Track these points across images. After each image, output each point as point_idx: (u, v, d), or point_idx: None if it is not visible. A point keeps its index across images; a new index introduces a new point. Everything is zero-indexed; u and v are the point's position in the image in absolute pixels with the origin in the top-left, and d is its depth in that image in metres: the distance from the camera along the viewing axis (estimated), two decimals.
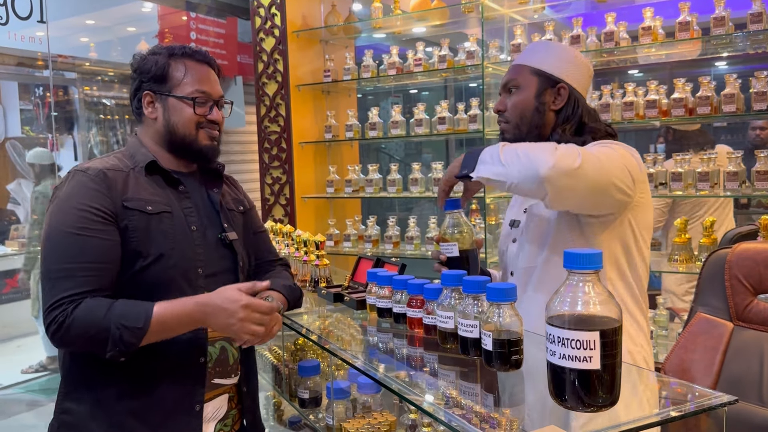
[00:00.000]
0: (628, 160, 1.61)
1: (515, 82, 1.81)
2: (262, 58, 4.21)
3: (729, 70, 4.31)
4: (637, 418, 1.05)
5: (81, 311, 1.47)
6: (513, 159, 1.52)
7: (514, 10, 3.73)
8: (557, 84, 1.77)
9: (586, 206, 1.63)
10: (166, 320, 1.52)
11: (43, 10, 5.03)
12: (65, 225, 1.52)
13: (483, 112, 3.61)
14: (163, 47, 1.76)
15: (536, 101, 1.78)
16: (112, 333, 1.46)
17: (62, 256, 1.51)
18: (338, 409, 2.27)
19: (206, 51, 1.80)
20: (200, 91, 1.72)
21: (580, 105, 1.78)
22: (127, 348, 1.48)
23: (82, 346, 1.51)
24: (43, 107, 7.18)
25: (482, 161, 1.57)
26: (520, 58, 1.86)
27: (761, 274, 2.17)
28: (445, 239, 1.70)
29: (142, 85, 1.73)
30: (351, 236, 4.08)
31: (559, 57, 1.80)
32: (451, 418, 1.14)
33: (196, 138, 1.72)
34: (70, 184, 1.58)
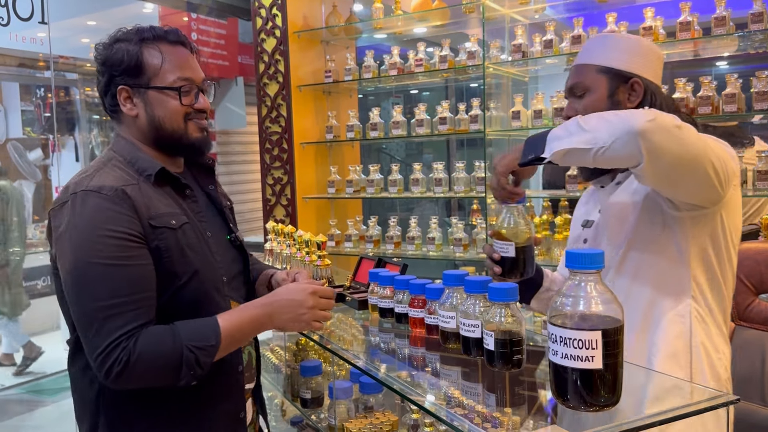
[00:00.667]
0: (727, 149, 1.47)
1: (582, 84, 1.66)
2: (263, 59, 4.21)
3: (730, 69, 4.31)
4: (640, 417, 1.05)
5: (144, 345, 1.34)
6: (600, 123, 1.36)
7: (515, 10, 3.73)
8: (630, 79, 1.63)
9: (680, 178, 1.40)
10: (234, 331, 1.44)
11: (44, 11, 5.04)
12: (99, 257, 1.36)
13: (484, 113, 3.61)
14: (129, 32, 1.54)
15: (609, 102, 1.63)
16: (185, 358, 1.35)
17: (107, 292, 1.35)
18: (340, 409, 2.27)
19: (178, 29, 1.60)
20: (183, 78, 1.54)
21: (658, 97, 1.64)
22: (203, 370, 1.39)
23: (150, 381, 1.38)
24: (44, 108, 7.19)
25: (555, 138, 1.40)
26: (581, 57, 1.71)
27: (762, 274, 2.17)
28: (501, 235, 1.52)
29: (114, 79, 1.52)
30: (352, 236, 4.08)
31: (624, 49, 1.65)
32: (453, 417, 1.14)
33: (186, 131, 1.56)
34: (85, 209, 1.39)
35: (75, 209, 1.40)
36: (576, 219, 1.87)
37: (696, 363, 1.52)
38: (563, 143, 1.38)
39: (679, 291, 1.55)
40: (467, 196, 3.72)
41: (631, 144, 1.31)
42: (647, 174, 1.37)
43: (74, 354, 1.52)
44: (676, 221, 1.52)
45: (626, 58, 1.63)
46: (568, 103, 1.71)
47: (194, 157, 1.66)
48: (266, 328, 1.53)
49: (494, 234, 1.55)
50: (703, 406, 1.11)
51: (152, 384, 1.40)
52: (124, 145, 1.56)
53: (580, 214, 1.86)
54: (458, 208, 6.14)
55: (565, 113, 1.70)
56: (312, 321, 1.54)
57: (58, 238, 1.41)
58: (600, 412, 1.05)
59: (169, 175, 1.56)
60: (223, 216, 1.71)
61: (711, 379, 1.52)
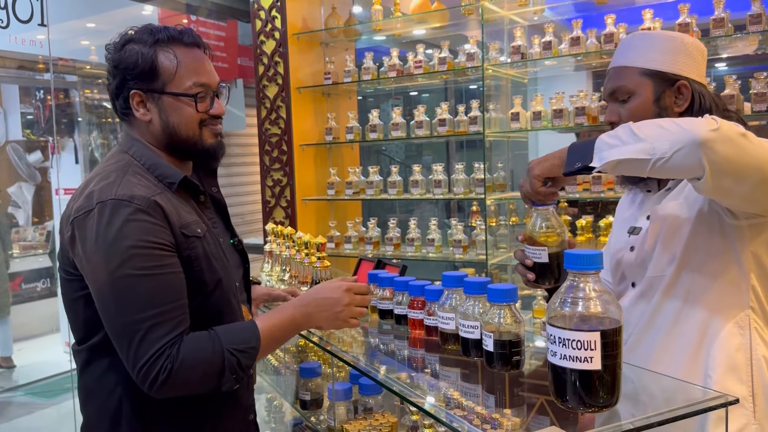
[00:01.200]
0: None
1: (625, 88, 1.57)
2: (263, 61, 4.21)
3: (729, 71, 4.32)
4: (638, 418, 1.05)
5: (187, 351, 1.33)
6: (658, 132, 1.28)
7: (514, 12, 3.74)
8: (676, 82, 1.54)
9: (746, 191, 1.32)
10: (274, 332, 1.45)
11: (43, 14, 5.04)
12: (136, 268, 1.33)
13: (483, 114, 3.61)
14: (143, 33, 1.50)
15: (656, 107, 1.54)
16: (227, 362, 1.36)
17: (147, 303, 1.33)
18: (339, 411, 2.27)
19: (192, 30, 1.55)
20: (199, 84, 1.50)
21: (707, 98, 1.55)
22: (245, 372, 1.40)
23: (194, 387, 1.37)
24: (44, 110, 7.19)
25: (606, 146, 1.32)
26: (621, 58, 1.62)
27: None
28: (533, 240, 1.46)
29: (127, 83, 1.48)
30: (352, 238, 4.08)
31: (667, 49, 1.56)
32: (452, 419, 1.14)
33: (201, 137, 1.53)
34: (117, 219, 1.35)
35: (104, 219, 1.36)
36: (619, 222, 1.77)
37: (758, 377, 1.44)
38: (616, 152, 1.31)
39: (737, 303, 1.47)
40: (467, 197, 3.72)
41: (693, 155, 1.24)
42: (708, 187, 1.28)
43: (88, 363, 1.49)
44: (734, 230, 1.46)
45: (671, 59, 1.55)
46: (609, 107, 1.62)
47: (208, 162, 1.63)
48: (304, 328, 1.54)
49: (526, 239, 1.49)
50: (702, 406, 1.11)
51: (196, 390, 1.39)
52: (143, 150, 1.51)
53: (624, 218, 1.75)
54: (458, 209, 6.15)
55: (607, 119, 1.62)
56: (349, 318, 1.55)
57: (87, 250, 1.37)
58: (599, 412, 1.05)
59: (190, 183, 1.54)
60: (225, 219, 1.70)
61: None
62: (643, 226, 1.61)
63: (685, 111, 1.54)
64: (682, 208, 1.52)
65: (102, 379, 1.47)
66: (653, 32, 1.58)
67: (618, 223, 1.78)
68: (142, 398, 1.40)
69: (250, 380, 1.65)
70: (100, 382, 1.47)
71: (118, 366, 1.41)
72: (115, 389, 1.45)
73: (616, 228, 1.78)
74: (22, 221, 6.78)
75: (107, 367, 1.45)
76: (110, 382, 1.45)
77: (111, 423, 1.46)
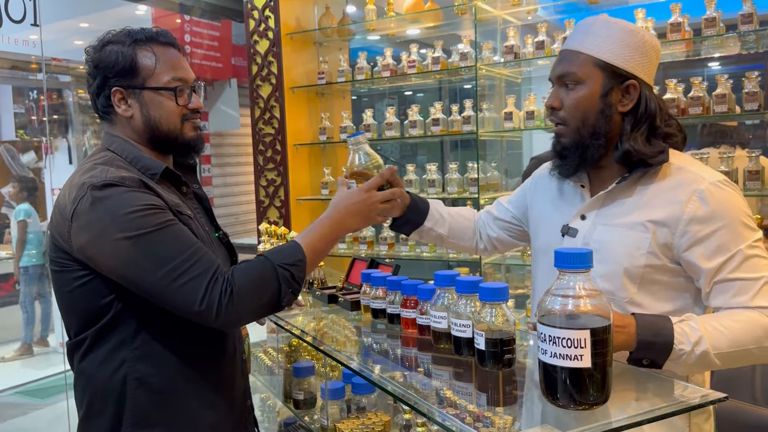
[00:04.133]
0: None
1: (575, 75, 1.51)
2: (256, 61, 4.21)
3: (721, 70, 4.33)
4: (628, 416, 1.06)
5: (241, 273, 1.40)
6: (731, 362, 1.37)
7: (507, 11, 3.75)
8: (626, 80, 1.50)
9: None
10: (315, 245, 1.52)
11: (36, 13, 5.02)
12: (150, 225, 1.38)
13: (477, 114, 3.62)
14: (120, 34, 1.56)
15: (601, 102, 1.50)
16: (281, 276, 1.42)
17: (178, 248, 1.38)
18: (333, 410, 2.27)
19: (167, 31, 1.62)
20: (177, 78, 1.56)
21: (652, 103, 1.51)
22: (300, 284, 1.47)
23: (257, 307, 1.42)
24: (37, 111, 7.17)
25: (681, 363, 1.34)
26: (576, 42, 1.55)
27: None
28: (359, 174, 1.67)
29: (108, 81, 1.53)
30: (346, 238, 4.08)
31: (626, 44, 1.50)
32: (445, 417, 1.14)
33: (182, 131, 1.59)
34: (114, 195, 1.39)
35: (99, 198, 1.39)
36: (542, 204, 1.74)
37: None
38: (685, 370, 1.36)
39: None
40: (460, 197, 3.73)
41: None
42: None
43: (91, 349, 1.51)
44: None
45: (627, 55, 1.50)
46: (554, 91, 1.57)
47: (189, 155, 1.68)
48: (341, 234, 1.60)
49: (351, 175, 1.67)
50: (691, 404, 1.12)
51: (260, 311, 1.45)
52: (123, 145, 1.56)
53: (549, 204, 1.72)
54: None
55: (549, 102, 1.58)
56: (377, 215, 1.66)
57: (96, 231, 1.39)
58: (589, 410, 1.06)
59: (172, 174, 1.59)
60: (209, 214, 1.74)
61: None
62: (579, 228, 1.58)
63: (629, 111, 1.51)
64: (633, 228, 1.49)
65: (105, 362, 1.49)
66: (615, 22, 1.54)
67: (540, 204, 1.76)
68: (147, 375, 1.47)
69: (243, 364, 1.71)
70: (103, 365, 1.49)
71: (125, 343, 1.47)
72: (119, 368, 1.48)
73: (539, 208, 1.76)
74: None
75: (112, 348, 1.48)
76: (115, 361, 1.48)
77: (116, 404, 1.48)
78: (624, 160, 1.51)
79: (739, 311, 1.38)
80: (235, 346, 1.65)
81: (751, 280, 1.39)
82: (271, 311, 1.47)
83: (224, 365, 1.60)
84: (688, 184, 1.46)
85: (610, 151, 1.54)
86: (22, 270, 6.21)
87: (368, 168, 1.67)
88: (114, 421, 1.48)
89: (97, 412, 1.51)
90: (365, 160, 1.67)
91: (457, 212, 1.99)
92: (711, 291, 1.43)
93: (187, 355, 1.51)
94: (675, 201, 1.45)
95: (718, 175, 1.47)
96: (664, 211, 1.45)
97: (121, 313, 1.46)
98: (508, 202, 1.96)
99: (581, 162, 1.55)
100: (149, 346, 1.48)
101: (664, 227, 1.45)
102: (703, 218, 1.42)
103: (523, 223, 1.90)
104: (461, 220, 1.97)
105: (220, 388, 1.58)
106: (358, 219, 1.61)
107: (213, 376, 1.56)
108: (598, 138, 1.51)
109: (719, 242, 1.41)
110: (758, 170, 2.89)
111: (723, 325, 1.35)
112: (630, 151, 1.48)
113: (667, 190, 1.48)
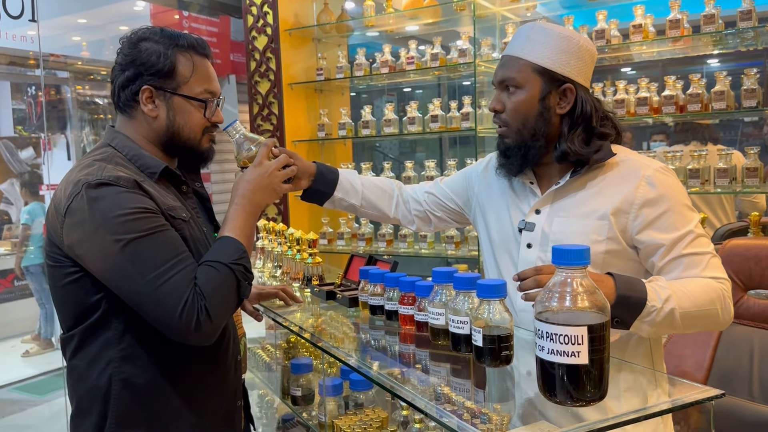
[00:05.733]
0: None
1: (514, 80, 1.60)
2: (255, 57, 4.20)
3: (720, 67, 4.33)
4: (625, 412, 1.06)
5: (205, 286, 1.39)
6: (691, 323, 1.46)
7: (505, 8, 3.74)
8: (563, 84, 1.58)
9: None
10: (243, 230, 1.53)
11: (34, 9, 5.02)
12: (139, 231, 1.38)
13: (475, 110, 3.62)
14: (162, 35, 1.56)
15: (540, 105, 1.58)
16: (237, 272, 1.45)
17: (161, 257, 1.39)
18: (330, 406, 2.27)
19: (205, 41, 1.64)
20: (209, 91, 1.58)
21: (589, 105, 1.59)
22: (251, 273, 1.51)
23: (229, 310, 1.46)
24: (35, 106, 7.16)
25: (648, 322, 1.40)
26: (516, 48, 1.63)
27: (751, 270, 2.19)
28: (251, 158, 1.67)
29: (141, 77, 1.53)
30: (344, 234, 4.08)
31: (562, 49, 1.58)
32: (442, 414, 1.14)
33: (200, 142, 1.61)
34: (107, 195, 1.40)
35: (93, 197, 1.40)
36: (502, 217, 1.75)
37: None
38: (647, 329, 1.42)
39: None
40: None
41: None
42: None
43: (81, 347, 1.51)
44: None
45: (563, 60, 1.58)
46: (496, 95, 1.65)
47: (198, 165, 1.70)
48: (257, 211, 1.59)
49: (242, 165, 1.68)
50: (689, 400, 1.12)
51: (229, 314, 1.49)
52: (125, 142, 1.56)
53: (500, 195, 1.77)
54: None
55: (492, 106, 1.66)
56: (281, 184, 1.64)
57: (87, 230, 1.39)
58: (586, 407, 1.06)
59: (172, 174, 1.59)
60: (209, 212, 1.75)
61: None
62: (536, 222, 1.65)
63: (567, 114, 1.59)
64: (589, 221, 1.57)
65: (94, 360, 1.49)
66: (551, 28, 1.61)
67: (490, 198, 1.80)
68: (132, 375, 1.47)
69: (238, 365, 1.69)
70: (92, 364, 1.49)
71: (112, 344, 1.47)
72: (106, 368, 1.48)
73: (489, 202, 1.80)
74: (15, 218, 6.75)
75: (100, 347, 1.48)
76: (102, 361, 1.48)
77: (101, 403, 1.48)
78: (562, 160, 1.60)
79: (695, 278, 1.49)
80: (228, 346, 1.64)
81: (699, 255, 1.51)
82: (236, 309, 1.51)
83: (213, 367, 1.59)
84: (635, 171, 1.56)
85: (551, 151, 1.62)
86: (24, 269, 6.21)
87: (252, 150, 1.67)
88: (100, 419, 1.49)
89: (86, 410, 1.52)
90: (247, 144, 1.67)
91: (373, 183, 2.01)
92: (664, 266, 1.53)
93: (175, 357, 1.50)
94: (626, 188, 1.55)
95: (659, 163, 1.59)
96: (617, 198, 1.55)
97: (108, 312, 1.46)
98: (446, 185, 1.99)
99: (524, 161, 1.63)
100: (136, 347, 1.48)
101: (619, 212, 1.54)
102: (653, 201, 1.53)
103: (462, 209, 1.96)
104: (376, 191, 2.00)
105: (207, 390, 1.57)
106: (264, 192, 1.60)
107: (200, 378, 1.55)
108: (538, 139, 1.60)
109: (669, 221, 1.52)
110: (727, 168, 2.96)
111: (685, 287, 1.46)
112: (567, 152, 1.57)
113: (617, 179, 1.58)
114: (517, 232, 1.68)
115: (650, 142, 6.21)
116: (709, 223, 3.58)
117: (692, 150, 3.10)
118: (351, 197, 1.96)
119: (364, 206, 1.99)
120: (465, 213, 1.95)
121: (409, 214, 2.02)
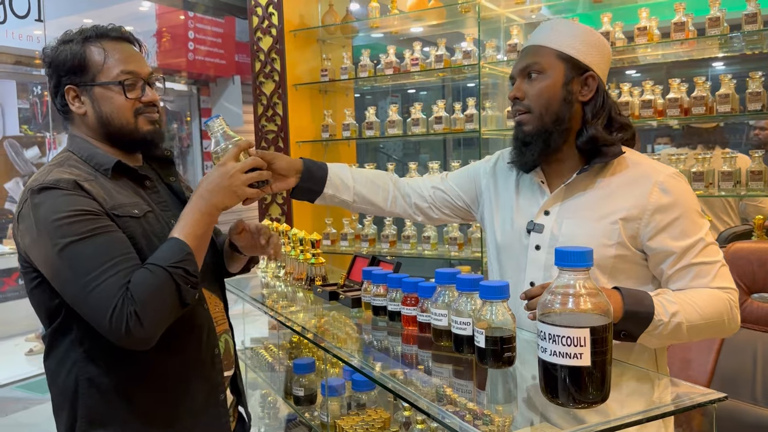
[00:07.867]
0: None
1: (539, 65, 1.59)
2: (260, 58, 4.21)
3: (725, 70, 4.33)
4: (627, 414, 1.06)
5: (137, 291, 1.36)
6: (697, 334, 1.47)
7: (510, 10, 3.75)
8: (585, 72, 1.59)
9: None
10: (194, 231, 1.47)
11: (40, 9, 5.04)
12: (76, 234, 1.37)
13: (479, 112, 3.62)
14: (74, 33, 1.57)
15: (563, 90, 1.58)
16: (175, 276, 1.39)
17: (96, 261, 1.37)
18: (333, 407, 2.27)
19: (121, 26, 1.61)
20: (126, 71, 1.54)
21: (608, 99, 1.62)
22: (196, 276, 1.43)
23: (164, 316, 1.39)
24: (41, 106, 7.18)
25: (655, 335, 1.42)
26: (540, 38, 1.64)
27: (755, 274, 2.18)
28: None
29: (61, 80, 1.55)
30: (348, 235, 4.08)
31: (585, 41, 1.60)
32: (444, 415, 1.14)
33: (136, 126, 1.57)
34: (47, 200, 1.41)
35: (36, 203, 1.41)
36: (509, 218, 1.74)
37: None
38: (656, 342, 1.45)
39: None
40: None
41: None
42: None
43: (51, 348, 1.54)
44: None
45: (585, 50, 1.59)
46: (516, 84, 1.64)
47: (146, 150, 1.66)
48: (213, 212, 1.51)
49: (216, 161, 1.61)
50: (691, 403, 1.12)
51: (168, 317, 1.41)
52: (79, 143, 1.58)
53: (509, 194, 1.76)
54: None
55: (512, 94, 1.65)
56: (241, 186, 1.53)
57: (32, 235, 1.41)
58: (588, 408, 1.06)
59: (127, 168, 1.58)
60: None
61: None
62: (545, 224, 1.63)
63: (589, 101, 1.59)
64: (599, 224, 1.56)
65: (62, 360, 1.52)
66: (573, 22, 1.64)
67: (498, 199, 1.79)
68: (96, 375, 1.48)
69: (216, 358, 1.64)
70: (61, 364, 1.52)
71: (75, 345, 1.48)
72: (72, 369, 1.50)
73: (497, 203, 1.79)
74: None
75: (66, 348, 1.50)
76: (68, 361, 1.50)
77: (70, 403, 1.51)
78: (588, 146, 1.58)
79: (702, 289, 1.49)
80: (201, 341, 1.60)
81: (709, 264, 1.50)
82: (178, 313, 1.44)
83: (184, 363, 1.56)
84: (648, 176, 1.55)
85: (570, 140, 1.61)
86: None
87: (227, 149, 1.58)
88: (71, 418, 1.51)
89: (60, 409, 1.55)
90: (224, 142, 1.59)
91: (366, 177, 1.97)
92: (673, 275, 1.52)
93: (137, 356, 1.47)
94: (637, 193, 1.54)
95: (671, 168, 1.58)
96: (628, 203, 1.54)
97: (69, 315, 1.47)
98: (454, 182, 1.96)
99: (544, 148, 1.61)
100: (96, 349, 1.48)
101: (631, 218, 1.53)
102: (666, 207, 1.51)
103: (469, 207, 1.93)
104: (369, 186, 1.95)
105: (180, 386, 1.56)
106: (223, 193, 1.51)
107: (170, 375, 1.53)
108: (560, 124, 1.59)
109: (681, 228, 1.51)
110: (731, 171, 2.95)
111: (692, 299, 1.45)
112: (596, 137, 1.57)
113: (628, 182, 1.56)
114: (524, 233, 1.67)
115: (654, 145, 6.21)
116: (713, 227, 3.58)
117: (697, 153, 3.09)
118: (342, 193, 1.92)
119: (357, 201, 1.94)
120: (472, 211, 1.94)
121: (410, 208, 1.98)
